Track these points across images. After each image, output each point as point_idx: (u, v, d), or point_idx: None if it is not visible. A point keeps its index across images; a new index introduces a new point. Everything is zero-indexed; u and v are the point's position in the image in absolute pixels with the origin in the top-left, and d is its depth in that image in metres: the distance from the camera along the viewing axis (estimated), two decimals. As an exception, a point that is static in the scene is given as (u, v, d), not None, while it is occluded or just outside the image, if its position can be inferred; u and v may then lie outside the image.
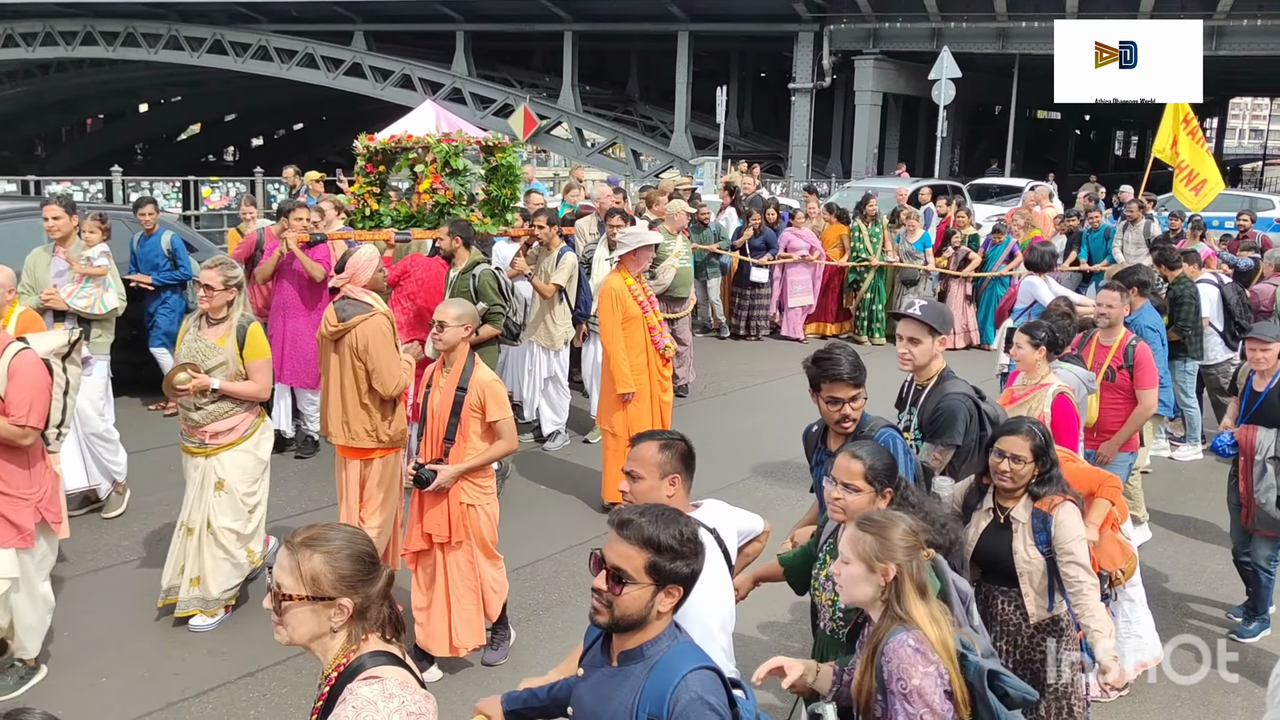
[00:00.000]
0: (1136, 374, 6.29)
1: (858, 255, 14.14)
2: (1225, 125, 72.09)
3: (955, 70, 25.17)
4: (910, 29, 33.42)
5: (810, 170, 34.85)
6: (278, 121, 63.99)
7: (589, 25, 38.16)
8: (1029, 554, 4.00)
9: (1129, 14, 30.04)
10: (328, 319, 5.89)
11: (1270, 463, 5.82)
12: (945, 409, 4.53)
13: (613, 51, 43.81)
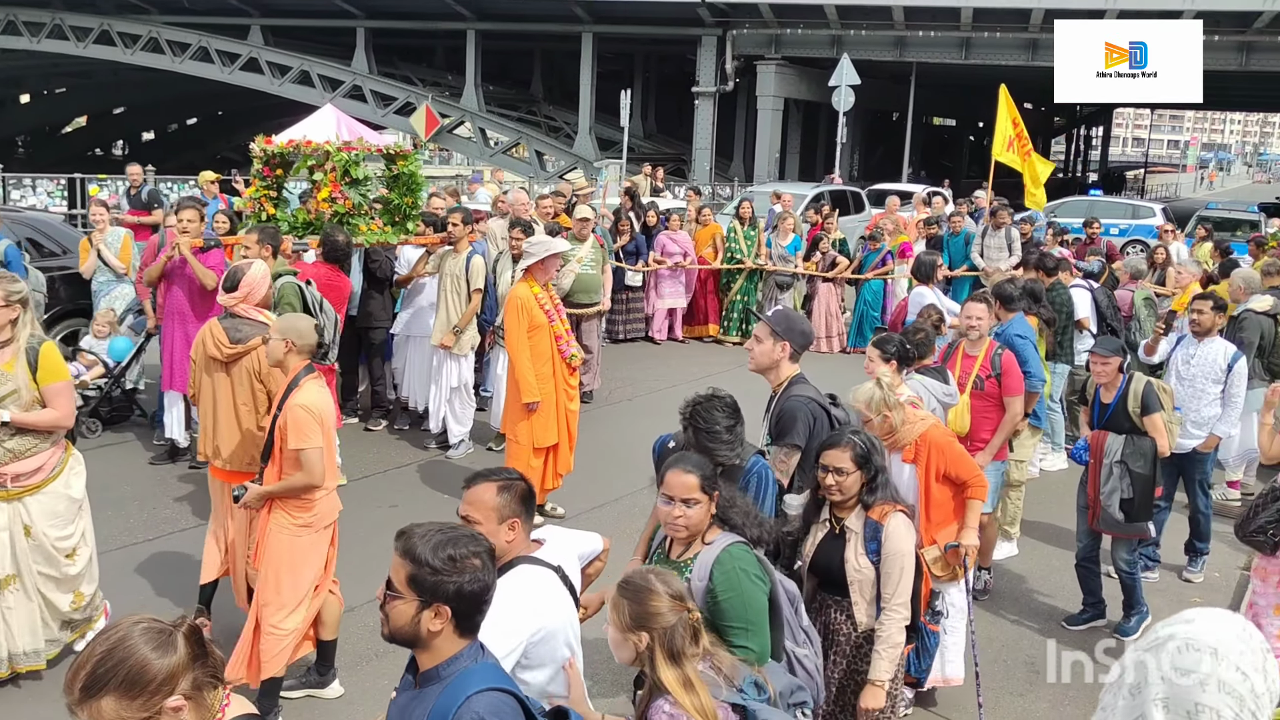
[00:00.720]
0: (1004, 381, 6.35)
1: (732, 257, 14.24)
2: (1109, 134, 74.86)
3: (855, 77, 25.64)
4: (811, 36, 33.95)
5: (714, 173, 35.18)
6: (170, 116, 62.08)
7: (492, 24, 37.92)
8: (859, 563, 4.01)
9: (1020, 27, 31.02)
10: (218, 340, 5.54)
11: (1117, 466, 6.03)
12: (786, 411, 4.57)
13: (517, 51, 43.58)
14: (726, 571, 3.42)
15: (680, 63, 39.40)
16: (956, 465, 4.93)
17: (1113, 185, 55.77)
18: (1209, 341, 7.23)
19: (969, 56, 33.13)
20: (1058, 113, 61.72)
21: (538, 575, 3.23)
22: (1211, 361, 7.18)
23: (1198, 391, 7.16)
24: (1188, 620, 1.72)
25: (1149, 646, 1.72)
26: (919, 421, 4.93)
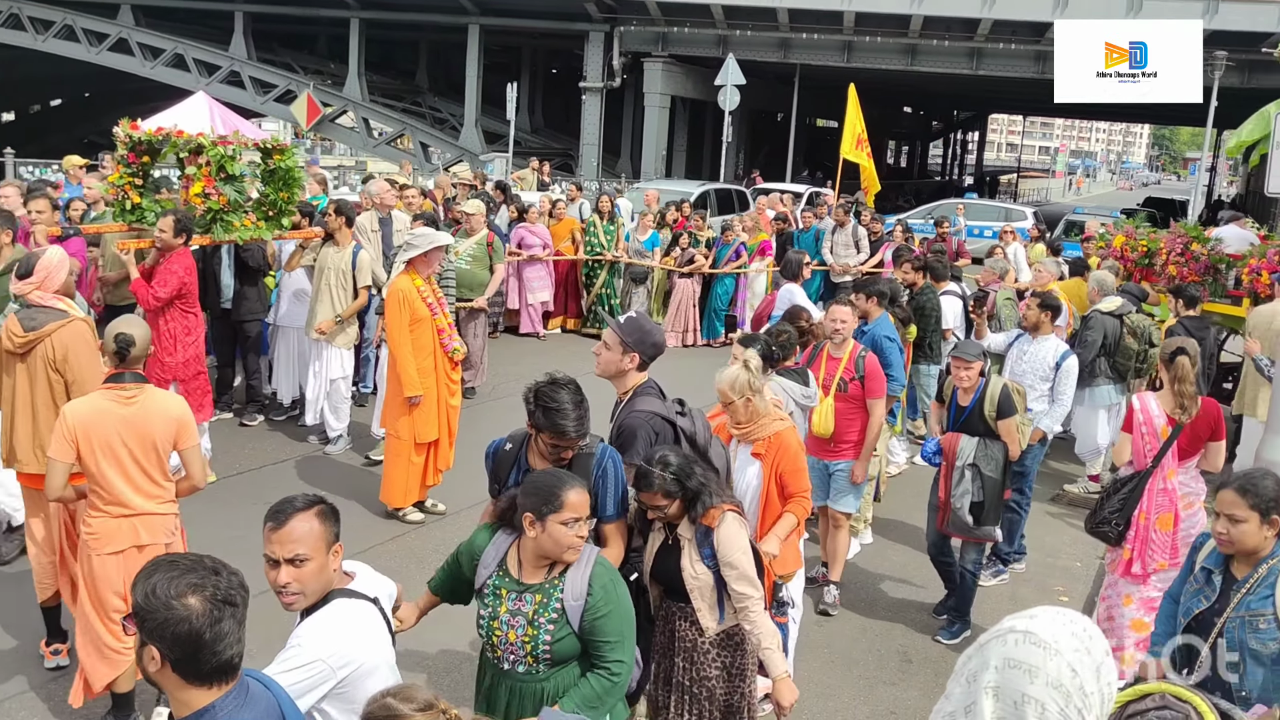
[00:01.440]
0: (867, 384, 6.34)
1: (593, 250, 14.28)
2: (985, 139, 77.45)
3: (740, 77, 25.93)
4: (698, 34, 34.22)
5: (601, 169, 35.18)
6: (32, 96, 59.18)
7: (377, 13, 37.20)
8: (696, 570, 3.95)
9: (900, 33, 31.82)
10: (10, 331, 5.17)
11: (969, 469, 6.03)
12: (627, 427, 4.41)
13: (402, 41, 42.87)
14: (604, 585, 3.37)
15: (568, 58, 39.32)
16: (793, 475, 4.88)
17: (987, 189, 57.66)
18: (1042, 339, 7.38)
19: (851, 60, 33.81)
20: (935, 117, 63.65)
21: (355, 608, 3.04)
22: (1041, 359, 7.32)
23: (1026, 387, 7.20)
24: (1031, 616, 1.78)
25: (993, 636, 1.77)
26: (776, 420, 4.90)
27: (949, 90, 46.08)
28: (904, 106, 59.04)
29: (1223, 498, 3.56)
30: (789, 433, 4.89)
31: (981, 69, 33.06)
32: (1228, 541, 3.55)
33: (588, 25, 35.01)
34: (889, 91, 47.43)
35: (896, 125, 62.98)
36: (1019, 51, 32.04)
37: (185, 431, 4.66)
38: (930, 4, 30.40)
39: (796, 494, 4.88)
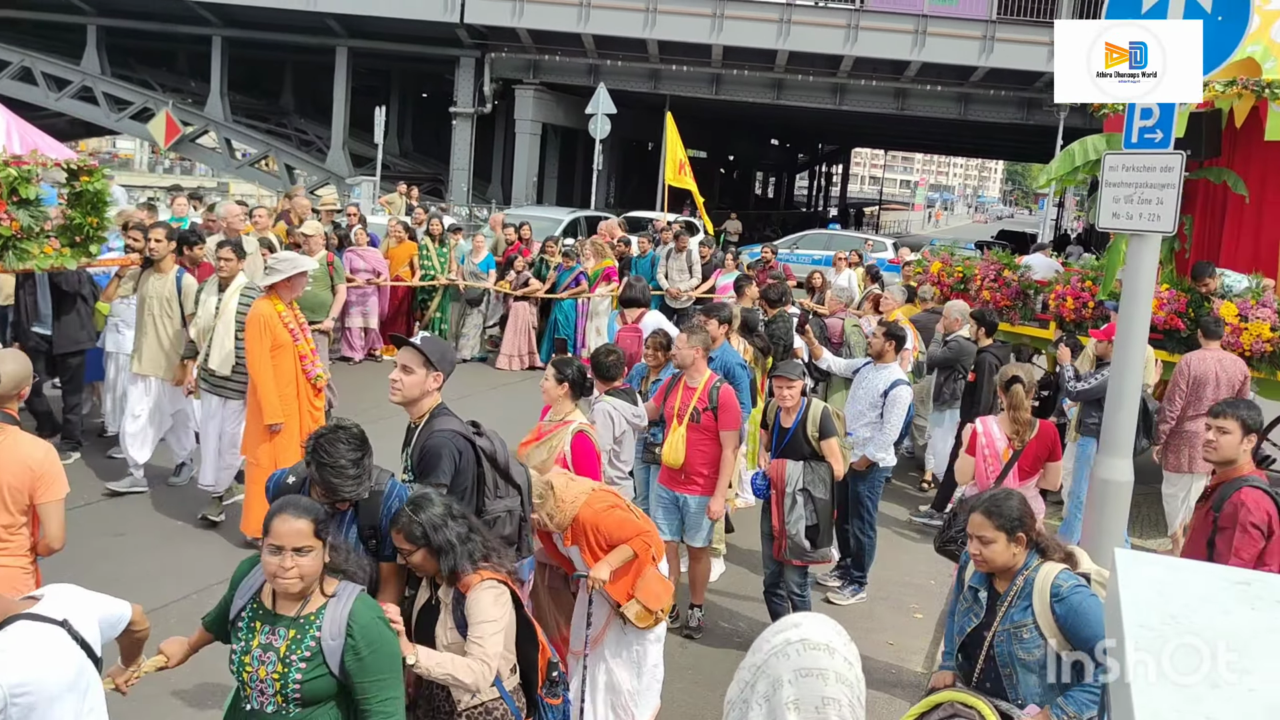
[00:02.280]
0: (721, 416, 6.23)
1: (427, 274, 14.08)
2: (849, 172, 79.80)
3: (611, 106, 26.18)
4: (569, 63, 34.43)
5: (471, 195, 35.00)
6: None
7: (240, 32, 36.29)
8: (449, 637, 3.67)
9: (767, 68, 32.62)
10: None
11: (800, 494, 6.00)
12: (431, 448, 4.28)
13: (267, 61, 41.94)
14: (365, 625, 3.19)
15: (439, 82, 39.03)
16: (616, 532, 4.75)
17: (851, 220, 59.42)
18: (882, 368, 7.53)
19: (720, 92, 34.51)
20: (801, 150, 65.36)
21: (34, 632, 2.89)
22: (875, 387, 7.46)
23: (859, 412, 7.48)
24: (796, 624, 1.88)
25: (770, 654, 1.85)
26: (570, 505, 4.72)
27: (814, 124, 47.41)
28: (771, 139, 60.46)
29: (972, 521, 3.76)
30: (585, 510, 4.71)
31: (844, 104, 34.15)
32: (981, 561, 3.75)
33: (459, 51, 34.87)
34: (757, 124, 48.54)
35: (765, 157, 64.44)
36: (879, 88, 33.24)
37: (44, 484, 4.28)
38: (795, 40, 31.27)
39: (630, 538, 4.76)
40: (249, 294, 7.70)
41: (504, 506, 4.32)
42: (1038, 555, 3.74)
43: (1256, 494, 4.52)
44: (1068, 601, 3.54)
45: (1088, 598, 3.55)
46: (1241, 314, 8.60)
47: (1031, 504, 6.40)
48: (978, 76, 31.51)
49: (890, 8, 30.48)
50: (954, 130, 41.32)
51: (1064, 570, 3.67)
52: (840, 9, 31.07)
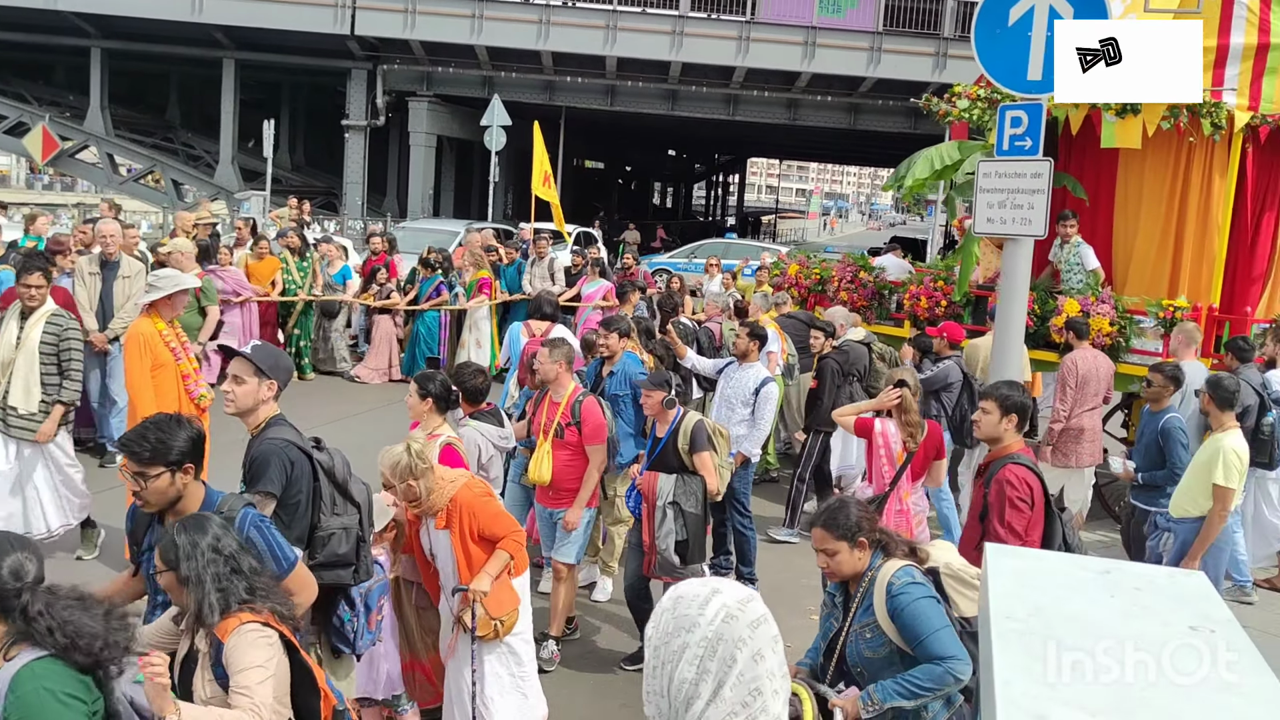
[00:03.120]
0: (584, 429, 6.14)
1: (290, 289, 13.57)
2: (745, 181, 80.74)
3: (506, 118, 26.09)
4: (463, 75, 34.19)
5: (366, 208, 34.50)
6: None
7: (120, 43, 35.18)
8: (208, 690, 3.26)
9: (661, 79, 32.83)
10: None
11: (670, 508, 5.89)
12: (259, 456, 4.17)
13: (151, 74, 40.72)
14: (22, 695, 2.82)
15: (331, 95, 38.40)
16: (491, 525, 4.71)
17: (748, 229, 60.12)
18: (748, 367, 7.69)
19: (614, 104, 34.64)
20: (698, 160, 65.95)
21: None
22: (744, 385, 7.61)
23: (730, 411, 7.61)
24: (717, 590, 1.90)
25: (720, 619, 1.86)
26: (449, 484, 4.70)
27: (710, 134, 47.87)
28: (668, 149, 60.91)
29: (815, 535, 3.83)
30: (464, 491, 4.69)
31: (738, 115, 34.58)
32: (831, 573, 3.82)
33: (350, 63, 34.36)
34: (654, 135, 48.84)
35: (662, 168, 64.88)
36: (772, 99, 33.73)
37: None
38: (688, 52, 31.57)
39: (503, 535, 4.72)
40: (55, 322, 7.10)
41: (340, 524, 4.13)
42: (881, 555, 3.77)
43: (1020, 470, 4.75)
44: (896, 600, 3.59)
45: (915, 596, 3.58)
46: (1084, 311, 8.98)
47: (917, 505, 6.60)
48: (866, 87, 32.19)
49: (780, 19, 30.98)
50: (845, 139, 42.10)
51: (903, 568, 3.68)
52: (731, 21, 31.47)
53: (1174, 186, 9.06)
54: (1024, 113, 5.14)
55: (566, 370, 6.36)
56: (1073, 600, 2.28)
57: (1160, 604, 2.28)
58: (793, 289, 11.50)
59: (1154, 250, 9.34)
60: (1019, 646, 2.03)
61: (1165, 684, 1.91)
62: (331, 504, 4.15)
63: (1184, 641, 2.06)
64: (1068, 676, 1.92)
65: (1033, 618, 2.16)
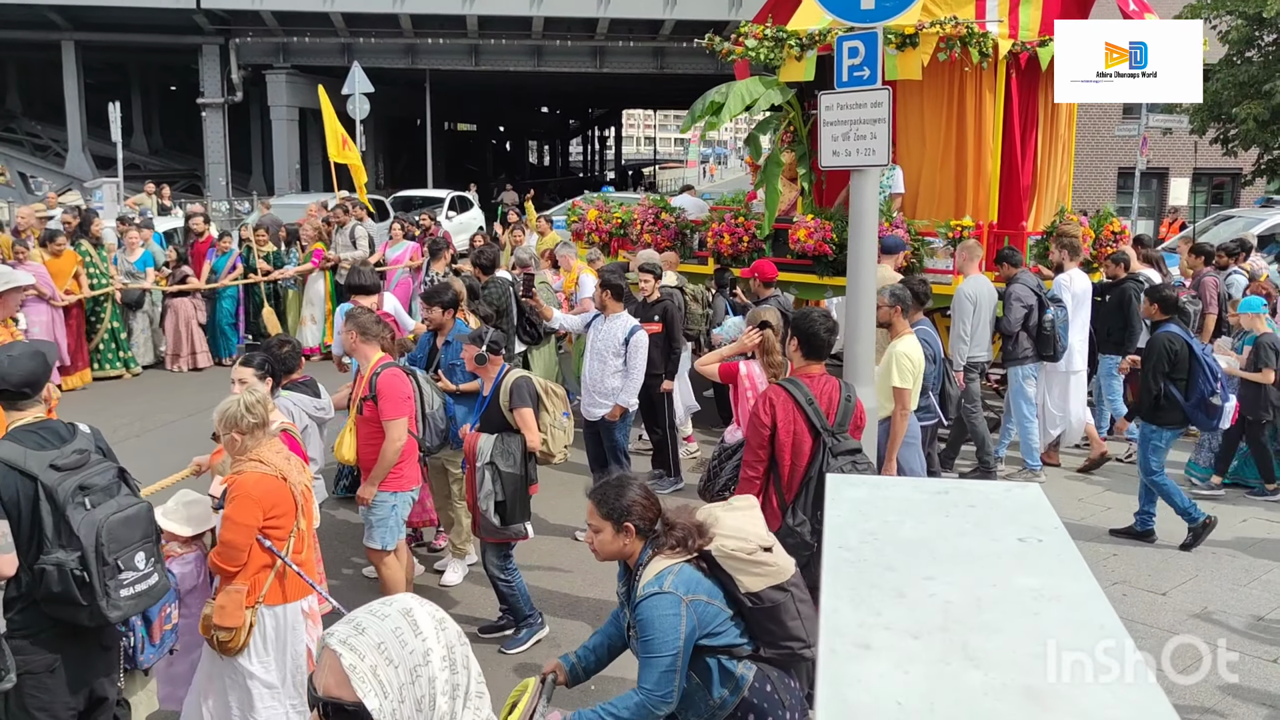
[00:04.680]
0: (380, 404, 5.70)
1: (98, 283, 12.31)
2: (622, 134, 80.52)
3: (368, 85, 25.31)
4: (320, 44, 33.19)
5: (231, 188, 33.38)
6: None
7: (-52, 31, 33.24)
8: None
9: (524, 34, 32.32)
10: None
11: (488, 469, 5.69)
12: None
13: (-15, 61, 38.62)
14: None
15: (185, 73, 36.92)
16: (225, 521, 4.22)
17: (628, 182, 60.01)
18: (614, 317, 7.50)
19: (479, 63, 34.03)
20: (572, 116, 65.47)
21: None
22: (613, 335, 7.47)
23: (603, 363, 7.46)
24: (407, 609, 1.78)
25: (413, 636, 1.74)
26: (252, 463, 4.30)
27: (581, 89, 47.51)
28: (541, 107, 60.27)
29: (589, 506, 3.56)
30: (247, 477, 4.27)
31: (606, 67, 34.32)
32: (595, 549, 3.55)
33: (199, 38, 33.03)
34: (524, 93, 48.22)
35: (535, 125, 64.22)
36: (638, 49, 33.55)
37: None
38: (549, 5, 31.13)
39: (221, 540, 4.27)
40: None
41: (54, 560, 3.55)
42: (651, 549, 3.48)
43: (770, 391, 4.79)
44: (638, 608, 3.34)
45: (654, 611, 3.30)
46: (880, 235, 9.55)
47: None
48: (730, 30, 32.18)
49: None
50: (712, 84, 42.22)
51: (660, 572, 3.37)
52: (591, -29, 31.14)
53: (950, 113, 9.43)
54: (860, 43, 5.14)
55: (365, 340, 5.91)
56: (906, 523, 2.28)
57: (992, 518, 2.29)
58: (593, 234, 11.57)
59: (938, 174, 9.72)
60: (849, 574, 2.01)
61: (991, 599, 1.91)
62: (55, 536, 3.57)
63: (1012, 553, 2.07)
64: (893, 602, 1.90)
65: (865, 545, 2.15)
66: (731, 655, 3.41)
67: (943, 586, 1.95)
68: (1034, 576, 2.01)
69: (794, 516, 4.64)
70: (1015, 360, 8.42)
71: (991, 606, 1.90)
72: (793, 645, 3.45)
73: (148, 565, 3.73)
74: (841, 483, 2.65)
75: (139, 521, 3.71)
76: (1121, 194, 26.09)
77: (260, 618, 4.29)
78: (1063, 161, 10.68)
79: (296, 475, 4.38)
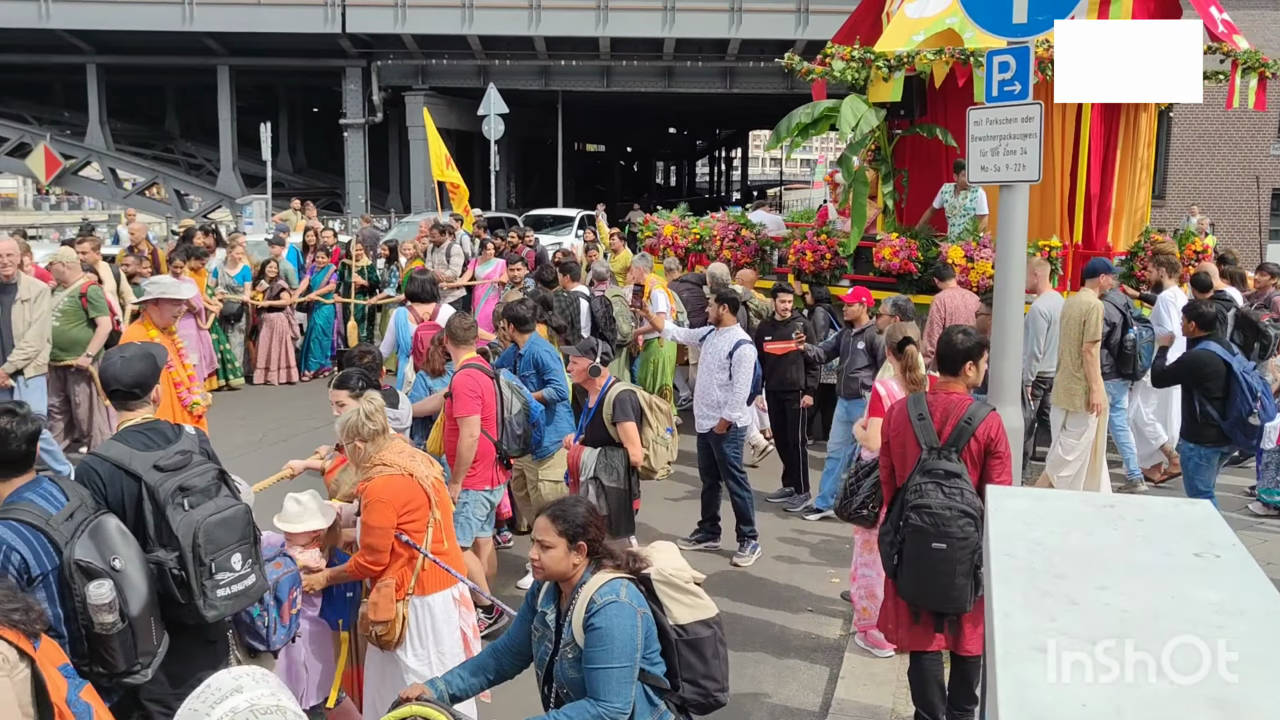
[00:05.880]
0: (454, 402, 5.94)
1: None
2: (748, 154, 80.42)
3: (503, 106, 26.03)
4: (457, 66, 34.13)
5: (369, 205, 34.54)
6: None
7: (115, 58, 35.27)
8: None
9: (655, 56, 32.68)
10: None
11: (591, 483, 5.71)
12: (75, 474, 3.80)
13: (146, 85, 40.81)
14: None
15: (327, 95, 38.43)
16: (365, 529, 4.41)
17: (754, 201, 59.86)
18: (724, 331, 7.55)
19: (611, 84, 34.53)
20: (699, 136, 65.75)
21: None
22: (719, 349, 7.51)
23: (710, 376, 7.52)
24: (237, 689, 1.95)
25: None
26: (378, 467, 4.45)
27: (709, 109, 47.76)
28: (669, 128, 60.71)
29: (537, 524, 3.47)
30: (375, 484, 4.42)
31: (735, 87, 34.44)
32: (539, 568, 3.43)
33: (344, 61, 34.35)
34: (653, 114, 48.69)
35: (662, 146, 64.69)
36: (768, 69, 33.54)
37: None
38: (681, 26, 31.43)
39: (362, 546, 4.42)
40: None
41: (154, 559, 3.63)
42: (594, 567, 3.42)
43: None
44: (592, 618, 3.25)
45: (611, 619, 3.23)
46: (968, 255, 9.47)
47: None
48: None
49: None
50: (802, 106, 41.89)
51: (609, 582, 3.33)
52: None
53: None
54: (1011, 57, 5.08)
55: (454, 344, 6.21)
56: (1073, 535, 2.25)
57: (1163, 533, 2.25)
58: (669, 250, 11.62)
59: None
60: (1019, 581, 2.00)
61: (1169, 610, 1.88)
62: (157, 535, 3.68)
63: (1188, 568, 2.03)
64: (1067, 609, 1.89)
65: (1032, 554, 2.13)
66: (656, 688, 3.36)
67: (1117, 597, 1.93)
68: (1215, 591, 1.97)
69: (882, 525, 4.71)
70: None
71: (1171, 617, 1.87)
72: (708, 685, 3.43)
73: (244, 566, 3.79)
74: (1002, 494, 2.64)
75: (236, 523, 3.77)
76: (1275, 216, 24.95)
77: (412, 609, 4.45)
78: (1141, 180, 10.61)
79: (424, 469, 4.51)
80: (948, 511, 4.32)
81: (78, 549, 3.28)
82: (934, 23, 9.85)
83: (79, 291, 9.16)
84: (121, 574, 3.35)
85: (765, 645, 6.07)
